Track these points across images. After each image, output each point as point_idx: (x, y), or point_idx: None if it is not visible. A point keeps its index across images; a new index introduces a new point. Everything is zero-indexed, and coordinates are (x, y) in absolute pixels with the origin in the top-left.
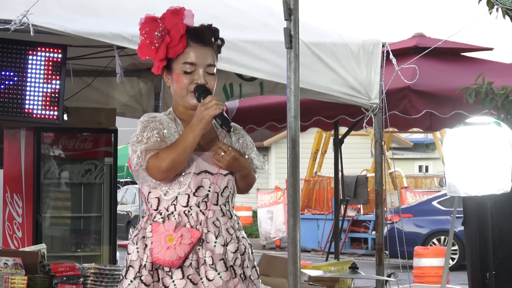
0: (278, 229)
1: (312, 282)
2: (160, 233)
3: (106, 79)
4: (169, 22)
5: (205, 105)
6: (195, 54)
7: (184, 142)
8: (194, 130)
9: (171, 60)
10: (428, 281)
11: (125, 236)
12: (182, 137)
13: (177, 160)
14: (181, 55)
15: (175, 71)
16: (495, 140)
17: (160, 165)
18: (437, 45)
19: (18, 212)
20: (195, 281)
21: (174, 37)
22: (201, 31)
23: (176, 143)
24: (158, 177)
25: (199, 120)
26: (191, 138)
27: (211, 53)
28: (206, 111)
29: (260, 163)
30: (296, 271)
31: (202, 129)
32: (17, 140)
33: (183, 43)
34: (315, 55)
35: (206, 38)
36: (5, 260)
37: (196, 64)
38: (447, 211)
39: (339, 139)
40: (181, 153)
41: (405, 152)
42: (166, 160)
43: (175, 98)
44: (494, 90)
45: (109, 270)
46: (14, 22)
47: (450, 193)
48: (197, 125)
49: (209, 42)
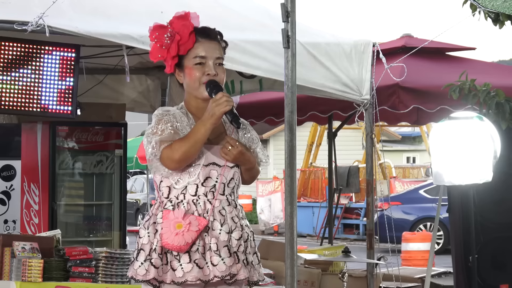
0: (276, 216)
1: (308, 265)
2: (170, 220)
3: (117, 77)
4: (177, 24)
5: (216, 101)
6: (204, 47)
7: (195, 135)
8: (205, 125)
9: (182, 57)
10: (415, 264)
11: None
12: (194, 131)
13: (189, 151)
14: (191, 50)
15: (187, 67)
16: (478, 133)
17: (173, 155)
18: (423, 45)
19: (35, 200)
20: (201, 265)
21: (183, 35)
22: (207, 29)
23: (189, 136)
24: (170, 166)
25: (210, 115)
26: (202, 131)
27: (218, 47)
28: (217, 107)
29: (264, 157)
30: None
31: (213, 124)
32: (34, 134)
33: (192, 39)
34: (310, 54)
35: (212, 34)
36: (23, 245)
37: (206, 57)
38: (432, 199)
39: (332, 132)
40: (193, 145)
41: (394, 145)
42: (179, 151)
43: (188, 92)
44: (477, 87)
45: (119, 254)
46: (31, 23)
47: (435, 182)
48: (208, 120)
49: (215, 37)
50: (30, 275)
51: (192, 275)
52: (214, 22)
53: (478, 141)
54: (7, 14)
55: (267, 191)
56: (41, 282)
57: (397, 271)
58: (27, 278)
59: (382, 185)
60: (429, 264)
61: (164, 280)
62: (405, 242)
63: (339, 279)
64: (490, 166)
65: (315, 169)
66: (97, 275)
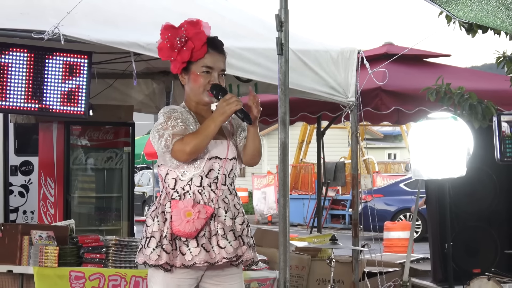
0: (270, 207)
1: (298, 252)
2: (180, 209)
3: (125, 81)
4: (190, 30)
5: (227, 101)
6: (213, 59)
7: (206, 130)
8: (215, 121)
9: (190, 63)
10: (396, 250)
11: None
12: (204, 126)
13: (200, 145)
14: (201, 59)
15: (194, 72)
16: (452, 132)
17: (184, 148)
18: (403, 52)
19: (51, 193)
20: (208, 249)
21: (197, 44)
22: (217, 41)
23: (200, 131)
24: (181, 158)
25: (221, 113)
26: (212, 127)
27: (223, 59)
28: (228, 106)
29: None
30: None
31: (222, 121)
32: (50, 132)
33: (204, 49)
34: (301, 60)
35: (220, 46)
36: (40, 233)
37: (213, 68)
38: (412, 191)
39: (321, 131)
40: (203, 140)
41: (376, 142)
42: (190, 144)
43: (190, 95)
44: (452, 90)
45: (127, 242)
46: (47, 32)
47: (414, 176)
48: (218, 118)
49: (223, 50)
50: (46, 261)
51: (200, 258)
52: (212, 30)
53: (453, 139)
54: (26, 24)
55: (262, 184)
56: (56, 267)
57: (379, 257)
58: (44, 263)
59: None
60: (408, 251)
61: (174, 264)
62: (386, 231)
63: (327, 265)
64: (464, 162)
65: (305, 164)
66: (107, 260)
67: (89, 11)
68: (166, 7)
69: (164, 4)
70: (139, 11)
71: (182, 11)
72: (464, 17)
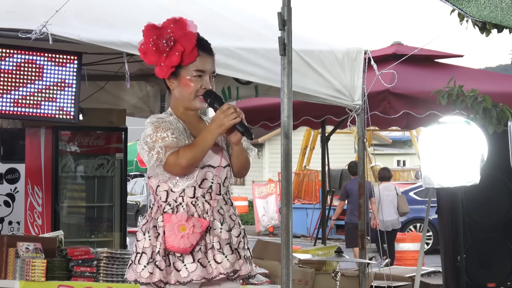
0: (271, 217)
1: (302, 265)
2: (173, 223)
3: (117, 83)
4: (176, 31)
5: (225, 113)
6: (203, 62)
7: (203, 143)
8: (212, 134)
9: (180, 66)
10: (406, 263)
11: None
12: (201, 139)
13: (196, 158)
14: (192, 63)
15: (183, 77)
16: (465, 137)
17: (180, 162)
18: (413, 53)
19: (38, 202)
20: (204, 264)
21: (187, 46)
22: (205, 42)
23: (196, 143)
24: (176, 172)
25: (218, 125)
26: (209, 139)
27: (213, 61)
28: (226, 119)
29: (249, 145)
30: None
31: (220, 133)
32: (37, 138)
33: (195, 52)
34: (304, 61)
35: (209, 48)
36: (27, 245)
37: (204, 71)
38: (422, 200)
39: (326, 137)
40: (200, 152)
41: (385, 148)
42: (186, 157)
43: (179, 100)
44: (464, 93)
45: (120, 254)
46: (35, 31)
47: (425, 184)
48: (216, 130)
49: (211, 51)
50: (33, 275)
51: (197, 274)
52: (211, 30)
53: (465, 145)
54: (12, 22)
55: (263, 193)
56: (44, 281)
57: (388, 270)
58: (31, 277)
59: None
60: (419, 264)
61: (168, 281)
62: (396, 242)
63: (332, 278)
64: (478, 169)
65: (308, 172)
66: (98, 274)
67: (80, 9)
68: (163, 6)
69: (160, 2)
70: (134, 10)
71: (179, 9)
72: (478, 15)
